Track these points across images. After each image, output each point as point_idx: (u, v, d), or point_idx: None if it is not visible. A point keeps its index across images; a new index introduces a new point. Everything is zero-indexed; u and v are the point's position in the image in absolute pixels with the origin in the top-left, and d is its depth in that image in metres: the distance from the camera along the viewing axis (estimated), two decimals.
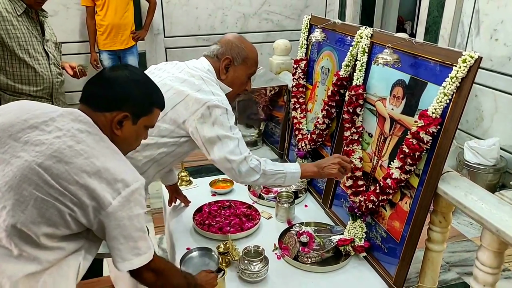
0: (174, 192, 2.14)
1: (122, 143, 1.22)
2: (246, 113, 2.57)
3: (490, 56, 3.20)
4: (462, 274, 2.43)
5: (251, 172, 1.58)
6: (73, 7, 4.39)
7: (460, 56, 1.33)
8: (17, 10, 2.25)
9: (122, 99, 1.19)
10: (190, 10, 4.87)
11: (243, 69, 1.68)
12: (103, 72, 1.25)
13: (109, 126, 1.18)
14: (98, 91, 1.21)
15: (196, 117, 1.53)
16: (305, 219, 2.00)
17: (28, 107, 1.18)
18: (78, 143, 1.09)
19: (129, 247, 1.14)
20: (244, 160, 1.56)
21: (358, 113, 1.82)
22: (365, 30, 1.82)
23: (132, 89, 1.21)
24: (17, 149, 1.08)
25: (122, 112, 1.18)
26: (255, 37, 5.20)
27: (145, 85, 1.26)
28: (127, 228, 1.12)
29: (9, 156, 1.08)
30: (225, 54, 1.65)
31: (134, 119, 1.21)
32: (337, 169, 1.67)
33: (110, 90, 1.20)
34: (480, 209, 1.30)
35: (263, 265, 1.61)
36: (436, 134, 1.41)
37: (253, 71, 1.72)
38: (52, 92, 2.48)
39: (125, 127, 1.20)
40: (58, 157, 1.06)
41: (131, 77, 1.23)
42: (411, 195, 1.54)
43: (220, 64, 1.66)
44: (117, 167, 1.12)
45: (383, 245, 1.68)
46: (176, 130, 1.58)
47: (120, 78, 1.21)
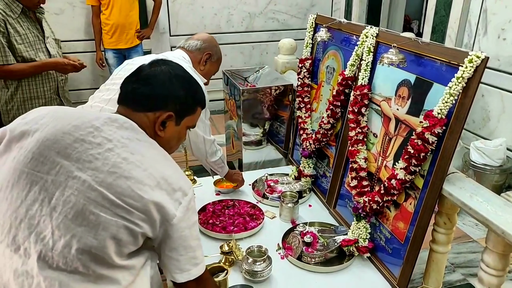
0: None
1: (164, 145, 1.14)
2: (251, 112, 2.56)
3: (497, 56, 3.17)
4: (467, 275, 2.41)
5: (214, 153, 1.99)
6: (79, 6, 4.41)
7: (467, 56, 1.31)
8: (14, 12, 2.23)
9: (166, 98, 1.12)
10: (196, 9, 4.87)
11: (215, 66, 1.96)
12: (141, 69, 1.16)
13: (152, 127, 1.11)
14: (138, 89, 1.12)
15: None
16: (309, 219, 1.99)
17: (63, 115, 1.08)
18: (132, 154, 1.02)
19: (188, 257, 1.09)
20: (213, 143, 1.96)
21: (363, 113, 1.81)
22: (371, 29, 1.81)
23: (175, 87, 1.14)
24: (71, 169, 0.98)
25: (166, 111, 1.11)
26: (261, 36, 5.20)
27: (189, 82, 1.19)
28: (187, 238, 1.07)
29: (64, 178, 0.98)
30: (207, 49, 1.90)
31: (177, 119, 1.15)
32: (241, 178, 2.22)
33: (152, 88, 1.11)
34: (486, 211, 1.29)
35: (266, 264, 1.61)
36: (442, 135, 1.40)
37: (217, 70, 2.02)
38: (58, 90, 2.50)
39: (168, 127, 1.14)
40: (117, 173, 0.98)
41: (173, 73, 1.15)
42: (415, 196, 1.53)
43: (201, 56, 1.89)
44: (173, 175, 1.07)
45: (387, 245, 1.67)
46: None
47: (161, 75, 1.14)
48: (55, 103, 2.48)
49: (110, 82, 1.81)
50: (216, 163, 2.04)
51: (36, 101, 2.39)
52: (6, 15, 2.20)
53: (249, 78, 2.87)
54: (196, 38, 1.93)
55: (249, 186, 2.29)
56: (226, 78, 2.78)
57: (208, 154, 1.97)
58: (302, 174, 2.31)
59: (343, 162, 2.01)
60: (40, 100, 2.40)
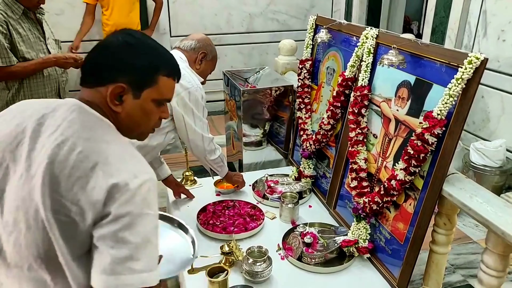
0: (173, 185, 2.18)
1: (127, 122, 1.01)
2: (251, 113, 2.57)
3: (497, 57, 3.17)
4: (467, 276, 2.41)
5: (213, 151, 2.01)
6: (79, 6, 4.39)
7: (466, 57, 1.32)
8: (15, 13, 2.23)
9: (114, 68, 0.98)
10: (196, 9, 4.87)
11: (210, 64, 2.00)
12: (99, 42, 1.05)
13: (107, 104, 0.97)
14: (88, 62, 1.01)
15: (179, 98, 1.80)
16: (309, 219, 1.99)
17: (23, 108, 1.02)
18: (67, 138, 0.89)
19: (122, 257, 0.84)
20: (212, 141, 1.99)
21: (363, 114, 1.81)
22: (371, 30, 1.81)
23: (123, 55, 0.99)
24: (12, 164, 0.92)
25: (115, 83, 0.96)
26: (261, 37, 5.20)
27: (143, 48, 1.02)
28: (126, 229, 0.85)
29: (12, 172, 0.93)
30: (202, 49, 1.94)
31: (134, 92, 0.99)
32: (241, 180, 2.24)
33: (100, 58, 0.99)
34: (485, 212, 1.29)
35: (266, 265, 1.61)
36: (441, 136, 1.41)
37: (214, 69, 2.05)
38: (59, 91, 2.50)
39: (126, 102, 0.98)
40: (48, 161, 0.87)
41: (124, 40, 1.00)
42: (415, 197, 1.53)
43: (196, 56, 1.93)
44: (122, 156, 0.92)
45: (387, 246, 1.67)
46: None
47: (111, 43, 1.01)
48: None
49: None
50: (215, 162, 2.05)
51: None
52: (7, 17, 2.20)
53: (249, 79, 2.87)
54: (191, 38, 1.98)
55: (249, 187, 2.30)
56: (227, 78, 2.79)
57: (207, 152, 1.99)
58: (302, 174, 2.31)
59: (343, 162, 2.01)
60: None
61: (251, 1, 5.02)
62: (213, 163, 2.05)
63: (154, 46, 1.06)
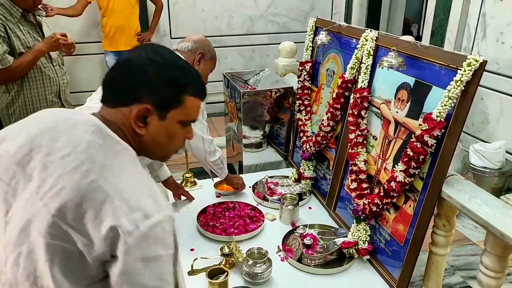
0: (173, 186, 2.20)
1: (151, 144, 0.96)
2: (251, 115, 2.57)
3: (496, 59, 3.18)
4: (466, 278, 2.42)
5: (213, 153, 2.03)
6: None
7: (465, 59, 1.33)
8: (14, 16, 2.21)
9: (139, 87, 0.92)
10: (196, 12, 4.89)
11: (209, 64, 1.99)
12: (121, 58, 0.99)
13: (130, 126, 0.92)
14: (110, 80, 0.95)
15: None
16: (309, 221, 2.00)
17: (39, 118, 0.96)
18: (83, 163, 0.84)
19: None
20: (211, 143, 2.01)
21: (363, 116, 1.82)
22: (370, 33, 1.82)
23: (150, 73, 0.93)
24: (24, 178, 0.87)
25: (141, 104, 0.91)
26: (261, 39, 5.21)
27: (169, 66, 0.96)
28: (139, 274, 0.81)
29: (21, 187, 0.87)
30: (199, 49, 1.94)
31: (160, 113, 0.93)
32: (241, 182, 2.27)
33: (123, 77, 0.93)
34: (484, 213, 1.30)
35: (266, 266, 1.62)
36: (441, 138, 1.41)
37: (214, 68, 2.04)
38: (60, 93, 2.50)
39: (150, 124, 0.93)
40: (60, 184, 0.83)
41: (149, 57, 0.94)
42: (415, 198, 1.54)
43: (194, 57, 1.93)
44: (134, 190, 0.85)
45: (387, 248, 1.68)
46: None
47: (135, 60, 0.94)
48: (57, 106, 2.48)
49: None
50: (215, 164, 2.06)
51: (37, 105, 2.39)
52: (6, 20, 2.19)
53: (249, 80, 2.88)
54: (187, 39, 1.98)
55: (249, 188, 2.30)
56: (227, 80, 2.80)
57: (207, 153, 2.00)
58: (302, 176, 2.32)
59: (343, 164, 2.02)
60: (42, 104, 2.40)
61: (251, 3, 5.04)
62: (213, 164, 2.06)
63: (180, 64, 1.00)
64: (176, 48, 1.98)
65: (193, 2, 4.84)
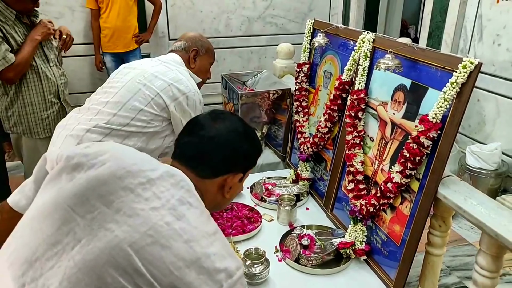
0: None
1: (222, 204, 1.10)
2: (249, 116, 2.59)
3: (492, 61, 3.21)
4: (463, 278, 2.43)
5: None
6: (78, 10, 4.43)
7: (461, 61, 1.34)
8: (8, 19, 2.20)
9: (235, 160, 1.04)
10: (194, 13, 4.90)
11: (206, 58, 2.00)
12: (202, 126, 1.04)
13: (217, 191, 1.03)
14: (203, 153, 1.02)
15: (177, 103, 1.79)
16: (307, 222, 2.01)
17: (121, 156, 0.97)
18: (177, 220, 0.87)
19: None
20: None
21: (360, 117, 1.83)
22: (368, 35, 1.84)
23: (243, 145, 1.06)
24: (107, 218, 0.86)
25: (236, 173, 1.04)
26: (259, 41, 5.23)
27: (251, 134, 1.11)
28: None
29: (97, 226, 0.86)
30: (192, 47, 1.95)
31: (243, 177, 1.08)
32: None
33: (220, 152, 1.02)
34: (480, 214, 1.31)
35: (264, 267, 1.63)
36: (437, 139, 1.43)
37: (213, 60, 2.05)
38: (59, 94, 2.50)
39: (233, 187, 1.07)
40: (154, 237, 0.84)
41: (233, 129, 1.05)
42: (411, 199, 1.55)
43: (188, 55, 1.94)
44: (219, 252, 0.89)
45: (384, 248, 1.69)
46: (160, 114, 1.79)
47: (223, 136, 1.03)
48: (56, 106, 2.49)
49: (107, 85, 1.85)
50: None
51: (37, 106, 2.40)
52: (1, 23, 2.18)
53: (247, 82, 2.89)
54: (180, 39, 2.00)
55: (247, 189, 2.31)
56: (225, 82, 2.81)
57: None
58: (300, 177, 2.33)
59: (340, 165, 2.03)
60: (41, 105, 2.41)
61: (249, 5, 5.06)
62: None
63: (252, 130, 1.14)
64: (172, 49, 1.99)
65: (191, 3, 4.86)
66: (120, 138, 1.74)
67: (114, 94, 1.77)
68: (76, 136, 1.71)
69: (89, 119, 1.75)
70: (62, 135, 1.76)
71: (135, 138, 1.76)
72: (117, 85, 1.80)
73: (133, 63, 1.95)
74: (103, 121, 1.73)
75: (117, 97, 1.76)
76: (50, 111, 2.45)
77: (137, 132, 1.76)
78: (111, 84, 1.83)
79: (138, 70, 1.85)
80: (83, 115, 1.79)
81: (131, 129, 1.74)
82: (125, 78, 1.81)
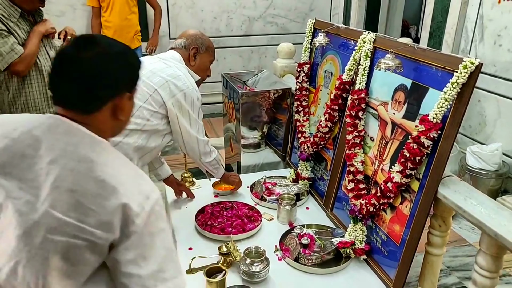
0: (174, 184, 2.22)
1: (122, 127, 1.05)
2: (250, 116, 2.59)
3: (493, 61, 3.20)
4: (462, 278, 2.43)
5: (208, 154, 2.00)
6: (80, 8, 4.43)
7: (461, 62, 1.34)
8: (13, 16, 2.21)
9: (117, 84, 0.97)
10: (195, 12, 4.90)
11: (206, 56, 1.99)
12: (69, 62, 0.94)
13: (110, 119, 0.98)
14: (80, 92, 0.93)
15: (175, 100, 1.78)
16: (307, 221, 2.01)
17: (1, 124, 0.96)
18: (79, 162, 0.89)
19: (152, 271, 0.90)
20: (207, 144, 1.97)
21: (360, 117, 1.84)
22: (368, 35, 1.84)
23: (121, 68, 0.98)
24: (11, 188, 0.88)
25: (121, 96, 0.97)
26: (260, 40, 5.23)
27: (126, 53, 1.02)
28: (149, 247, 0.90)
29: (2, 198, 0.88)
30: (192, 44, 1.94)
31: (132, 96, 1.02)
32: (238, 180, 2.26)
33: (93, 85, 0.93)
34: (479, 214, 1.31)
35: (264, 266, 1.63)
36: (437, 139, 1.43)
37: (213, 58, 2.04)
38: None
39: (126, 107, 1.00)
40: (62, 187, 0.87)
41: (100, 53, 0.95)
42: (411, 199, 1.55)
43: (188, 53, 1.93)
44: (130, 178, 0.93)
45: (383, 248, 1.69)
46: (159, 111, 1.78)
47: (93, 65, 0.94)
48: None
49: None
50: (211, 164, 2.04)
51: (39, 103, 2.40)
52: (6, 19, 2.20)
53: (248, 81, 2.89)
54: (181, 36, 1.99)
55: (248, 189, 2.31)
56: (225, 81, 2.81)
57: (202, 154, 1.97)
58: (300, 177, 2.33)
59: (341, 165, 2.03)
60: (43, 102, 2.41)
61: (250, 4, 5.05)
62: (208, 165, 2.04)
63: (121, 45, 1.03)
64: (172, 46, 1.99)
65: (192, 3, 4.86)
66: (120, 136, 1.74)
67: None
68: None
69: None
70: None
71: (135, 136, 1.76)
72: None
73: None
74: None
75: None
76: (52, 108, 2.46)
77: (137, 130, 1.76)
78: None
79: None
80: None
81: (131, 126, 1.74)
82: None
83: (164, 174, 2.17)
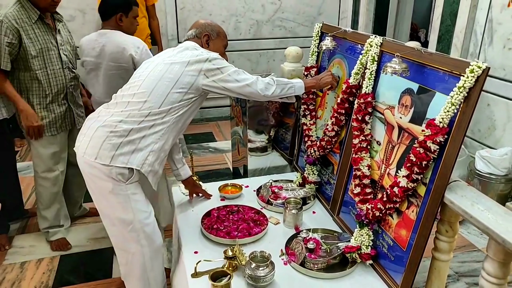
0: (191, 185, 2.25)
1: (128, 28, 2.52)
2: (257, 119, 2.59)
3: (503, 65, 3.18)
4: (471, 284, 2.41)
5: (268, 86, 1.94)
6: (90, 13, 4.48)
7: (468, 66, 1.33)
8: (32, 18, 2.30)
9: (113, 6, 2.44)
10: (204, 16, 4.93)
11: (219, 41, 2.04)
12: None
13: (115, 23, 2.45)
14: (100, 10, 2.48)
15: (205, 71, 1.83)
16: (313, 225, 2.01)
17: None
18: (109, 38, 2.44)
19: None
20: (258, 80, 1.92)
21: (367, 121, 1.83)
22: (375, 38, 1.83)
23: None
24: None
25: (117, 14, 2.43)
26: (268, 44, 5.24)
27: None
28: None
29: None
30: (203, 32, 2.00)
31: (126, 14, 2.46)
32: (331, 77, 2.11)
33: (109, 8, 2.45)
34: (486, 219, 1.30)
35: (269, 270, 1.63)
36: (444, 144, 1.42)
37: (226, 42, 2.10)
38: (67, 96, 2.55)
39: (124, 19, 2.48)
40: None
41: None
42: (418, 204, 1.54)
43: (201, 40, 2.00)
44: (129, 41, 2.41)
45: (390, 253, 1.68)
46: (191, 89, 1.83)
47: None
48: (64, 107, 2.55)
49: (132, 81, 1.91)
50: (281, 94, 1.97)
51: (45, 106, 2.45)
52: (22, 22, 2.26)
53: None
54: (190, 28, 2.05)
55: (254, 192, 2.31)
56: None
57: (262, 92, 1.92)
58: (307, 180, 2.33)
59: (347, 169, 2.02)
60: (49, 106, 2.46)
61: (259, 8, 5.07)
62: (279, 94, 1.97)
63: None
64: (185, 38, 2.04)
65: (200, 6, 4.89)
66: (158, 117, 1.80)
67: (139, 86, 1.83)
68: (109, 126, 1.77)
69: (121, 111, 1.81)
70: (93, 127, 1.81)
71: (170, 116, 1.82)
72: (140, 78, 1.86)
73: (155, 57, 2.02)
74: (135, 109, 1.79)
75: (143, 87, 1.82)
76: (57, 111, 2.51)
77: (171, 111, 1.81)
78: (135, 79, 1.90)
79: (158, 59, 1.92)
80: (113, 108, 1.85)
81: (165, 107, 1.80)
82: (146, 71, 1.87)
83: (185, 174, 2.21)
